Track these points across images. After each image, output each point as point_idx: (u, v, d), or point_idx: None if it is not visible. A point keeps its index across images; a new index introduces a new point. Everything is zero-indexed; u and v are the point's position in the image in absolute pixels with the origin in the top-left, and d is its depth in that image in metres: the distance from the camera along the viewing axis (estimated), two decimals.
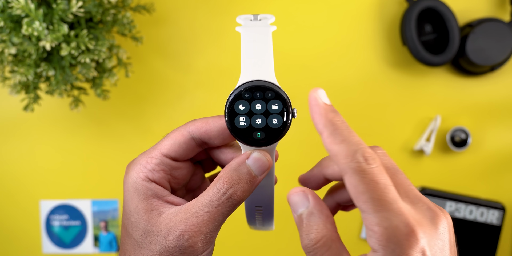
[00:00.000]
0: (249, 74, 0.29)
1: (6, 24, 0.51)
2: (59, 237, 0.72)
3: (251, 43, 0.29)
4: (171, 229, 0.28)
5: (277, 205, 0.75)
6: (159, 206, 0.29)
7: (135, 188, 0.30)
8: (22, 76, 0.54)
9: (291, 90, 0.68)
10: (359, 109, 0.68)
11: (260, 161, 0.29)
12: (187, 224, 0.28)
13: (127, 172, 0.31)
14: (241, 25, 0.30)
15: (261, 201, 0.33)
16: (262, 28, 0.30)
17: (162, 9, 0.67)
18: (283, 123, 0.29)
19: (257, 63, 0.29)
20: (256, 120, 0.29)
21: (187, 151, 0.31)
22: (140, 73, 0.68)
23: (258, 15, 0.31)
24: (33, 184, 0.72)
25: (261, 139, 0.29)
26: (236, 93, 0.29)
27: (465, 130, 0.66)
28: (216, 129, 0.30)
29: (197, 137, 0.31)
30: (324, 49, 0.68)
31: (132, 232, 0.29)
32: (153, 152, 0.31)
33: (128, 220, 0.30)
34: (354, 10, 0.67)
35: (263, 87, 0.29)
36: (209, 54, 0.68)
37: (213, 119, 0.31)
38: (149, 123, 0.70)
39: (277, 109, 0.29)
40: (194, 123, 0.31)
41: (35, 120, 0.70)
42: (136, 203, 0.29)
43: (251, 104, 0.29)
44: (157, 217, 0.29)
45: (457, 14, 0.64)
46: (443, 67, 0.67)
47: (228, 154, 0.32)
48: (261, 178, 0.30)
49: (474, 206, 0.66)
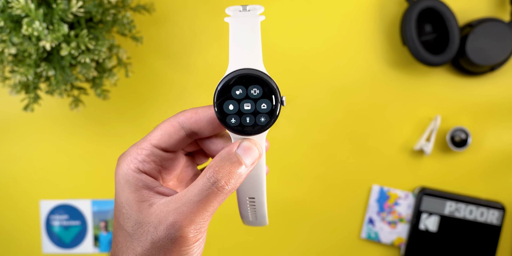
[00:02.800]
0: (237, 63, 0.29)
1: (6, 24, 0.51)
2: (59, 237, 0.72)
3: (239, 32, 0.29)
4: (161, 220, 0.28)
5: (276, 205, 0.75)
6: (150, 197, 0.29)
7: (126, 179, 0.30)
8: (22, 76, 0.54)
9: (291, 90, 0.68)
10: (359, 109, 0.68)
11: (250, 150, 0.29)
12: (178, 214, 0.28)
13: (118, 164, 0.31)
14: (230, 16, 0.30)
15: (253, 191, 0.33)
16: (250, 18, 0.30)
17: (162, 9, 0.67)
18: (272, 110, 0.29)
19: (246, 51, 0.29)
20: (245, 108, 0.29)
21: (177, 142, 0.31)
22: (140, 73, 0.68)
23: (247, 6, 0.31)
24: (33, 184, 0.72)
25: (251, 128, 0.29)
26: (225, 81, 0.29)
27: (465, 130, 0.66)
28: (206, 119, 0.31)
29: (187, 127, 0.31)
30: (324, 49, 0.68)
31: (124, 224, 0.29)
32: (143, 143, 0.31)
33: (119, 212, 0.30)
34: (354, 10, 0.67)
35: (251, 75, 0.29)
36: (209, 54, 0.68)
37: (203, 109, 0.31)
38: (149, 123, 0.70)
39: (265, 97, 0.29)
40: (184, 114, 0.31)
41: (35, 120, 0.70)
42: (127, 195, 0.29)
43: (239, 93, 0.29)
44: (148, 208, 0.29)
45: (457, 14, 0.64)
46: (443, 67, 0.67)
47: (218, 145, 0.32)
48: (251, 168, 0.30)
49: (474, 206, 0.66)
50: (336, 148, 0.69)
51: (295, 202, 0.69)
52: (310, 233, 0.70)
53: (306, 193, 0.70)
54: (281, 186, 0.69)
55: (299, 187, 0.69)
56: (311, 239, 0.70)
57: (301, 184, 0.69)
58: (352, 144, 0.68)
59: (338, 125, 0.68)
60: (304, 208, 0.69)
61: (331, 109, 0.68)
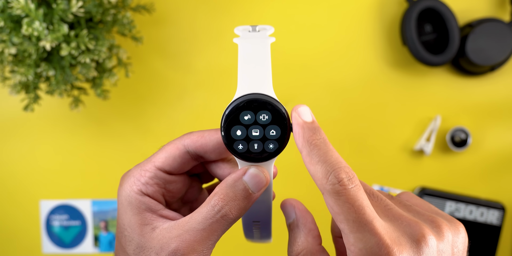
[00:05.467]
0: (246, 87, 0.28)
1: (6, 24, 0.51)
2: (59, 237, 0.72)
3: (249, 55, 0.28)
4: (163, 246, 0.27)
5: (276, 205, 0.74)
6: (153, 221, 0.29)
7: (129, 201, 0.29)
8: (22, 76, 0.54)
9: (291, 90, 0.68)
10: (359, 109, 0.68)
11: (257, 178, 0.28)
12: (180, 241, 0.27)
13: (121, 184, 0.30)
14: (239, 36, 0.29)
15: (258, 216, 0.32)
16: (260, 40, 0.29)
17: (162, 9, 0.67)
18: (282, 137, 0.28)
19: (255, 75, 0.28)
20: (253, 134, 0.28)
21: (182, 165, 0.30)
22: (140, 73, 0.68)
23: (257, 26, 0.30)
24: (33, 184, 0.72)
25: (259, 155, 0.28)
26: (233, 106, 0.27)
27: (465, 130, 0.66)
28: (212, 143, 0.30)
29: (192, 150, 0.30)
30: (324, 49, 0.68)
31: (126, 246, 0.29)
32: (147, 165, 0.30)
33: (121, 234, 0.29)
34: (354, 10, 0.67)
35: (260, 101, 0.27)
36: (209, 54, 0.68)
37: (209, 133, 0.30)
38: (149, 123, 0.70)
39: (275, 123, 0.28)
40: (189, 136, 0.30)
41: (35, 120, 0.70)
42: (130, 217, 0.29)
43: (247, 118, 0.28)
44: (150, 232, 0.28)
45: (457, 14, 0.64)
46: (443, 67, 0.67)
47: (224, 169, 0.31)
48: (258, 195, 0.29)
49: (474, 206, 0.66)
50: (336, 148, 0.69)
51: None
52: None
53: (306, 193, 0.70)
54: (281, 186, 0.69)
55: (299, 187, 0.69)
56: None
57: (301, 184, 0.69)
58: (352, 144, 0.68)
59: (338, 125, 0.68)
60: None
61: (331, 109, 0.68)
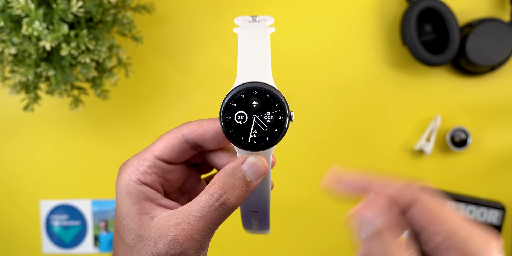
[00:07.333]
0: (246, 76, 0.28)
1: (6, 24, 0.51)
2: (59, 237, 0.72)
3: (249, 44, 0.28)
4: (162, 235, 0.28)
5: (276, 205, 0.75)
6: (152, 210, 0.29)
7: (127, 190, 0.29)
8: (22, 76, 0.54)
9: (291, 90, 0.68)
10: (359, 109, 0.68)
11: (256, 166, 0.28)
12: (179, 230, 0.27)
13: (120, 173, 0.30)
14: (239, 26, 0.30)
15: (256, 205, 0.32)
16: (260, 30, 0.29)
17: (162, 9, 0.67)
18: (280, 125, 0.28)
19: (254, 64, 0.28)
20: (253, 124, 0.28)
21: (181, 154, 0.30)
22: (140, 73, 0.68)
23: (257, 17, 0.31)
24: (33, 184, 0.72)
25: (258, 143, 0.28)
26: (232, 95, 0.28)
27: (465, 130, 0.66)
28: (211, 132, 0.30)
29: (191, 140, 0.30)
30: (324, 49, 0.68)
31: (124, 236, 0.29)
32: (146, 154, 0.30)
33: (120, 223, 0.29)
34: (354, 10, 0.67)
35: (259, 89, 0.28)
36: (209, 54, 0.68)
37: (208, 122, 0.30)
38: (149, 123, 0.70)
39: (274, 112, 0.28)
40: (188, 125, 0.30)
41: (35, 120, 0.70)
42: (128, 206, 0.29)
43: (247, 107, 0.28)
44: (149, 221, 0.28)
45: (457, 14, 0.64)
46: (443, 67, 0.67)
47: (223, 159, 0.31)
48: (256, 184, 0.29)
49: (474, 206, 0.66)
50: (336, 148, 0.69)
51: (295, 202, 0.69)
52: (310, 233, 0.70)
53: (306, 193, 0.70)
54: (281, 186, 0.69)
55: (299, 187, 0.69)
56: (311, 239, 0.70)
57: (301, 184, 0.69)
58: (352, 144, 0.68)
59: (338, 125, 0.68)
60: (304, 208, 0.69)
61: (331, 109, 0.68)
